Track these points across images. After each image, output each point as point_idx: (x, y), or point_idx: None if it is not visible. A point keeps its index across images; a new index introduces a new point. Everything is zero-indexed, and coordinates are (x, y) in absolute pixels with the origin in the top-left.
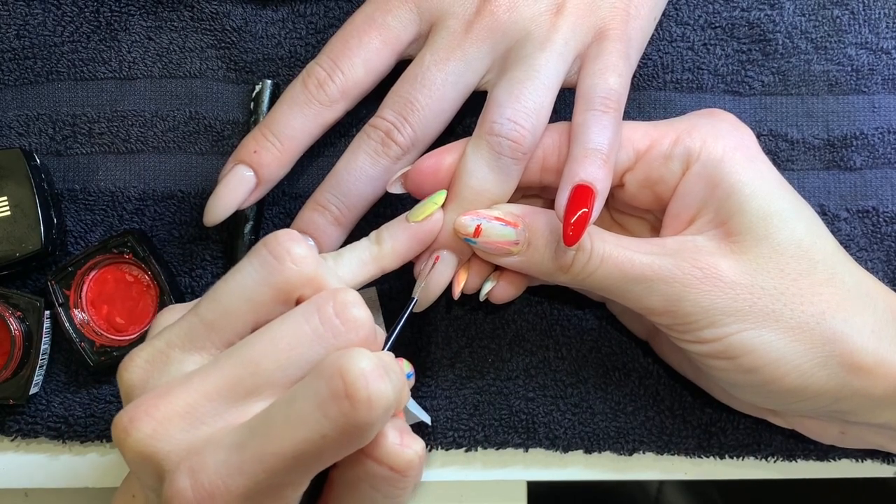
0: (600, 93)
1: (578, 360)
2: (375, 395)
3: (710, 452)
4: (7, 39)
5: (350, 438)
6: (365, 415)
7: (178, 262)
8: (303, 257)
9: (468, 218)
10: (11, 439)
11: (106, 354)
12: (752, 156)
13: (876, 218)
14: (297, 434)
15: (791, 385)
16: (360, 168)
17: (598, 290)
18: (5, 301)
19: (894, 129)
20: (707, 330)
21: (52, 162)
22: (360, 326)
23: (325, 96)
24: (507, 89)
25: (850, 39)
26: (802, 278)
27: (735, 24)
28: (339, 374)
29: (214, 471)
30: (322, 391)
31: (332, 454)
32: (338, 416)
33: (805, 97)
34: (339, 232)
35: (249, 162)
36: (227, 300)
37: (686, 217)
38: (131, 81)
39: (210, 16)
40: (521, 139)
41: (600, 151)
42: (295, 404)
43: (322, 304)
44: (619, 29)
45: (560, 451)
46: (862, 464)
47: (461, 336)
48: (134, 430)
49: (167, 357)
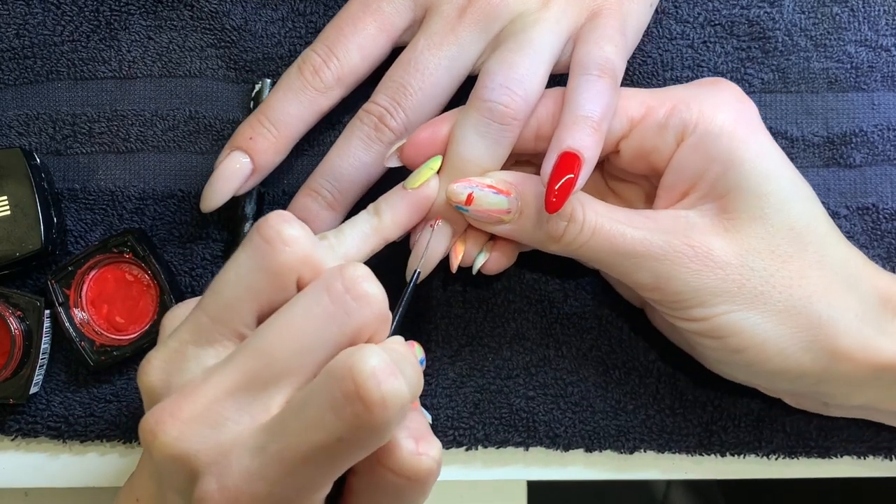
0: (595, 59)
1: (579, 358)
2: (389, 394)
3: (712, 450)
4: (7, 39)
5: (367, 439)
6: (380, 415)
7: (178, 261)
8: (294, 238)
9: (460, 185)
10: (11, 439)
11: (106, 354)
12: (752, 130)
13: (876, 215)
14: (314, 437)
15: (776, 367)
16: (353, 153)
17: (589, 260)
18: (5, 300)
19: (894, 127)
20: (696, 309)
21: (52, 161)
22: (374, 301)
23: (321, 82)
24: (498, 60)
25: (849, 37)
26: (793, 260)
27: (735, 21)
28: (350, 375)
29: (238, 474)
30: (334, 393)
31: (351, 455)
32: (352, 419)
33: (805, 94)
34: (332, 216)
35: (245, 148)
36: (226, 291)
37: (680, 189)
38: (131, 81)
39: (210, 15)
40: (511, 104)
41: (590, 119)
42: (309, 407)
43: (331, 283)
44: (614, 8)
45: (560, 450)
46: (864, 461)
47: (461, 334)
48: (161, 433)
49: (183, 355)
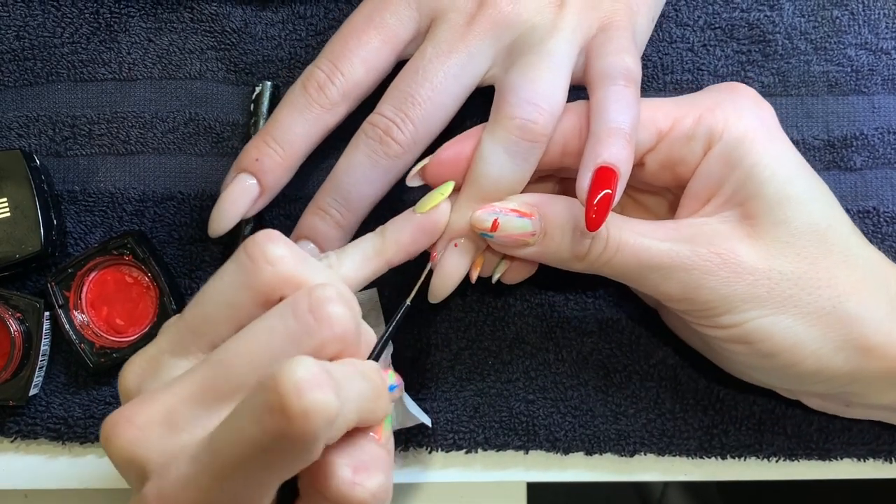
0: (620, 69)
1: (579, 362)
2: (312, 407)
3: (712, 453)
4: (7, 41)
5: (290, 451)
6: (300, 427)
7: (177, 263)
8: (279, 257)
9: (484, 213)
10: (11, 440)
11: (105, 356)
12: (772, 136)
13: (877, 218)
14: (239, 448)
15: (809, 369)
16: (359, 170)
17: (615, 276)
18: (5, 302)
19: (894, 130)
20: (725, 316)
21: (51, 163)
22: (336, 323)
23: (326, 99)
24: (521, 73)
25: (849, 40)
26: (819, 262)
27: (735, 25)
28: (274, 386)
29: (176, 480)
30: (258, 404)
31: (279, 467)
32: (273, 430)
33: (805, 98)
34: (341, 234)
35: (252, 170)
36: (208, 305)
37: (704, 197)
38: (131, 83)
39: (210, 17)
40: (540, 120)
41: (623, 131)
42: (237, 417)
43: (297, 302)
44: (625, 20)
45: (560, 454)
46: (864, 463)
47: (461, 338)
48: (115, 435)
49: (158, 363)
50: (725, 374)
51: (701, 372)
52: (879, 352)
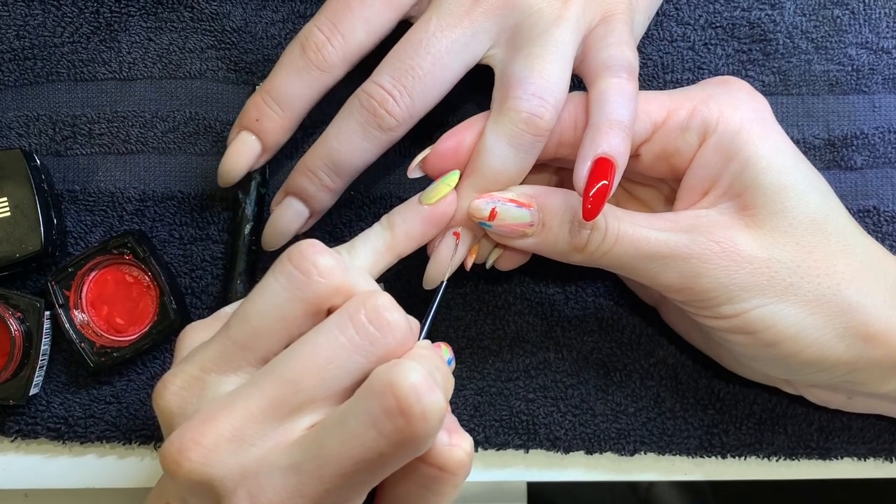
0: (621, 62)
1: (579, 360)
2: (429, 408)
3: (712, 452)
4: (7, 40)
5: (408, 452)
6: (421, 429)
7: (178, 262)
8: (330, 269)
9: (482, 201)
10: (11, 440)
11: (106, 355)
12: (767, 127)
13: (877, 217)
14: (355, 453)
15: (810, 357)
16: (351, 139)
17: (614, 268)
18: (5, 302)
19: (895, 129)
20: (726, 306)
21: (52, 162)
22: (397, 329)
23: (325, 62)
24: (527, 65)
25: (850, 39)
26: (817, 251)
27: (736, 23)
28: (391, 391)
29: (273, 493)
30: (375, 409)
31: (391, 468)
32: (393, 433)
33: (805, 97)
34: (330, 197)
35: (253, 129)
36: (258, 320)
37: (701, 189)
38: (131, 82)
39: (210, 16)
40: (546, 114)
41: (622, 123)
42: (348, 424)
43: (354, 313)
44: (625, 13)
45: (561, 453)
46: (864, 463)
47: (461, 337)
48: (184, 459)
49: (203, 382)
50: (726, 373)
51: (701, 371)
52: (881, 339)
